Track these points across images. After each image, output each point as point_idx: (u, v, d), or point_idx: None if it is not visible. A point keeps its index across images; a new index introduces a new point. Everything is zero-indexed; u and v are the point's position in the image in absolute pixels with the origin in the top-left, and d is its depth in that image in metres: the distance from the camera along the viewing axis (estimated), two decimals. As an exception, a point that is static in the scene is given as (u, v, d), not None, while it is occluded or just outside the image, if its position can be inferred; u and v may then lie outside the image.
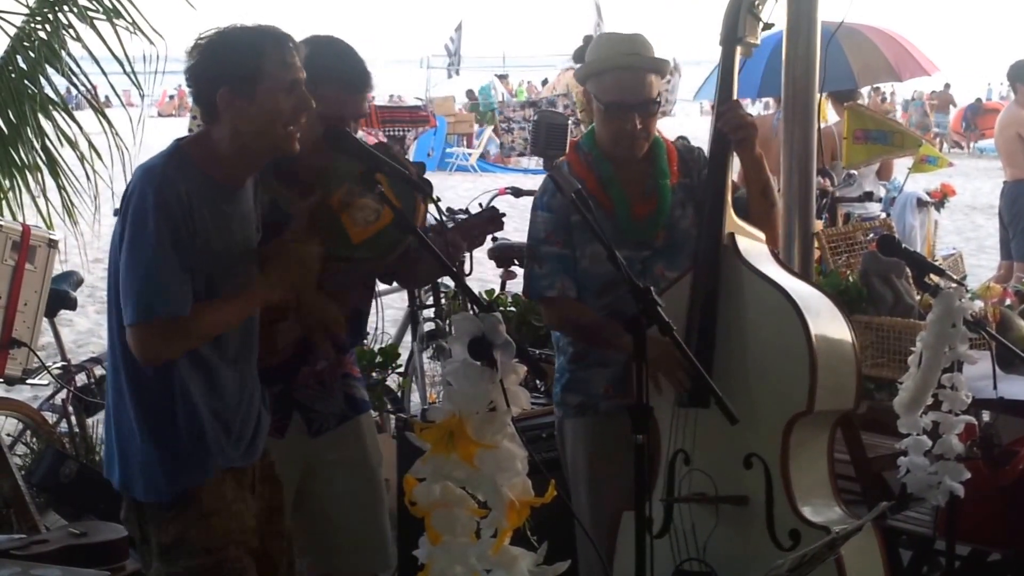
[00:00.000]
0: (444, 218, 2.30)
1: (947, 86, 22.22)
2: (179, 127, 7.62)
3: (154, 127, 3.75)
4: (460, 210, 4.51)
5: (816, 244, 3.43)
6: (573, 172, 2.45)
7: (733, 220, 2.32)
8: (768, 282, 2.23)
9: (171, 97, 27.76)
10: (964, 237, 10.35)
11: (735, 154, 2.37)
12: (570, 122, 4.00)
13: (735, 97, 2.35)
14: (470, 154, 17.05)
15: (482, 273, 5.67)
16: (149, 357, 1.88)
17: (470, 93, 18.36)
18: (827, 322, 2.24)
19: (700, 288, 2.25)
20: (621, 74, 2.35)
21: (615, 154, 2.43)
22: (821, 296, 2.32)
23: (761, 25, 2.38)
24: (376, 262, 2.15)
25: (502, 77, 21.99)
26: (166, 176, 1.87)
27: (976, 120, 20.86)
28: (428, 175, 2.29)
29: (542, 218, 2.44)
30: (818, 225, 3.70)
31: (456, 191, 11.98)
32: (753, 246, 2.32)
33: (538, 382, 3.28)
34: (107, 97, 4.06)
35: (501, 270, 4.76)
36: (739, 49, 2.36)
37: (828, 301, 2.31)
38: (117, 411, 1.96)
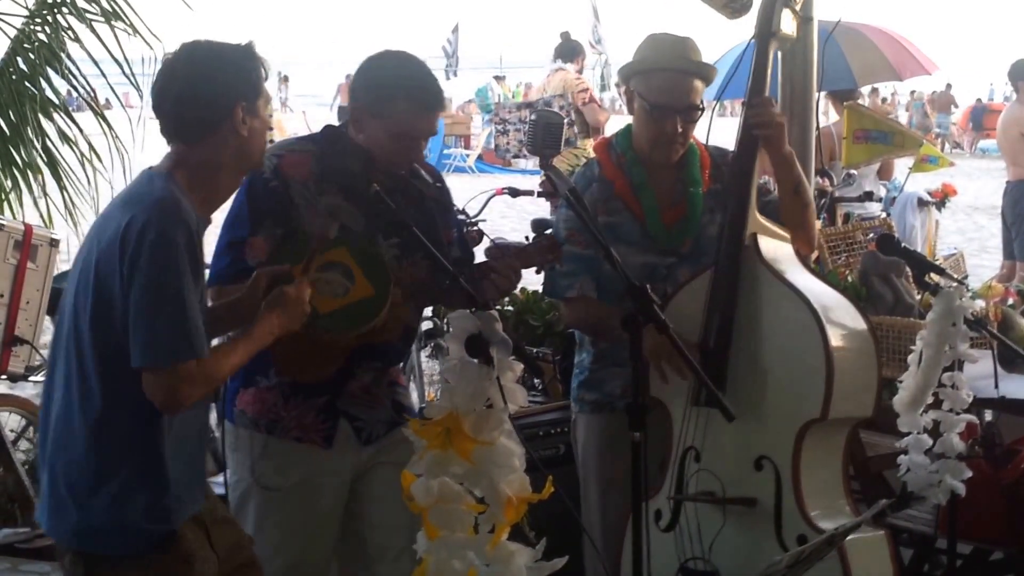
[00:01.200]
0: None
1: (948, 86, 22.20)
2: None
3: (154, 128, 3.77)
4: (458, 210, 4.50)
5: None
6: (603, 172, 2.44)
7: (758, 220, 2.28)
8: (788, 286, 2.18)
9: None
10: (967, 237, 10.35)
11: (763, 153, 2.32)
12: (565, 122, 4.00)
13: (767, 93, 2.30)
14: (468, 155, 17.07)
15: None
16: (174, 403, 1.77)
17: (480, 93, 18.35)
18: (848, 330, 2.20)
19: (719, 288, 2.22)
20: (672, 76, 2.33)
21: (650, 157, 2.40)
22: (845, 302, 2.27)
23: (796, 18, 2.33)
24: (339, 335, 2.08)
25: (499, 78, 22.01)
26: (185, 211, 1.79)
27: (982, 120, 20.85)
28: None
29: (565, 217, 2.42)
30: (816, 225, 3.70)
31: (454, 192, 11.95)
32: (777, 248, 2.28)
33: (536, 380, 3.29)
34: (107, 99, 4.09)
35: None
36: (774, 43, 2.31)
37: (852, 307, 2.25)
38: (70, 458, 1.81)
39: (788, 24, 2.33)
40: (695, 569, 2.19)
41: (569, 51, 6.35)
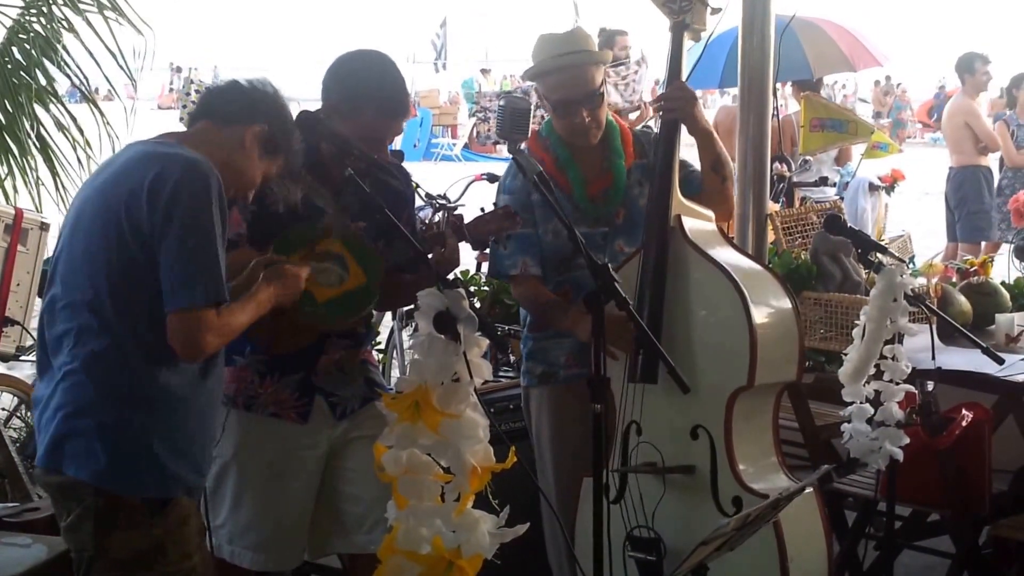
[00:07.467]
0: (429, 202, 2.26)
1: (888, 78, 22.41)
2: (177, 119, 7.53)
3: (154, 119, 3.71)
4: (439, 195, 4.50)
5: (770, 226, 3.43)
6: (532, 154, 2.45)
7: (680, 201, 2.30)
8: (712, 263, 2.21)
9: (171, 90, 27.53)
10: (919, 220, 10.40)
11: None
12: (533, 106, 3.98)
13: (683, 80, 2.34)
14: (454, 144, 17.02)
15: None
16: (196, 348, 1.77)
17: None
18: (769, 300, 2.23)
19: (648, 269, 2.25)
20: (566, 73, 2.36)
21: (571, 143, 2.44)
22: (765, 274, 2.31)
23: (708, 10, 2.36)
24: (335, 322, 2.11)
25: (485, 71, 21.92)
26: (213, 170, 1.80)
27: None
28: (414, 165, 2.29)
29: (504, 200, 2.45)
30: (773, 207, 3.71)
31: (441, 179, 11.90)
32: (700, 226, 2.30)
33: (512, 356, 3.28)
34: (110, 90, 4.05)
35: (476, 252, 4.76)
36: (687, 34, 2.36)
37: (772, 278, 2.30)
38: (105, 403, 1.78)
39: (700, 17, 2.35)
40: (641, 537, 2.19)
41: (607, 41, 6.28)
